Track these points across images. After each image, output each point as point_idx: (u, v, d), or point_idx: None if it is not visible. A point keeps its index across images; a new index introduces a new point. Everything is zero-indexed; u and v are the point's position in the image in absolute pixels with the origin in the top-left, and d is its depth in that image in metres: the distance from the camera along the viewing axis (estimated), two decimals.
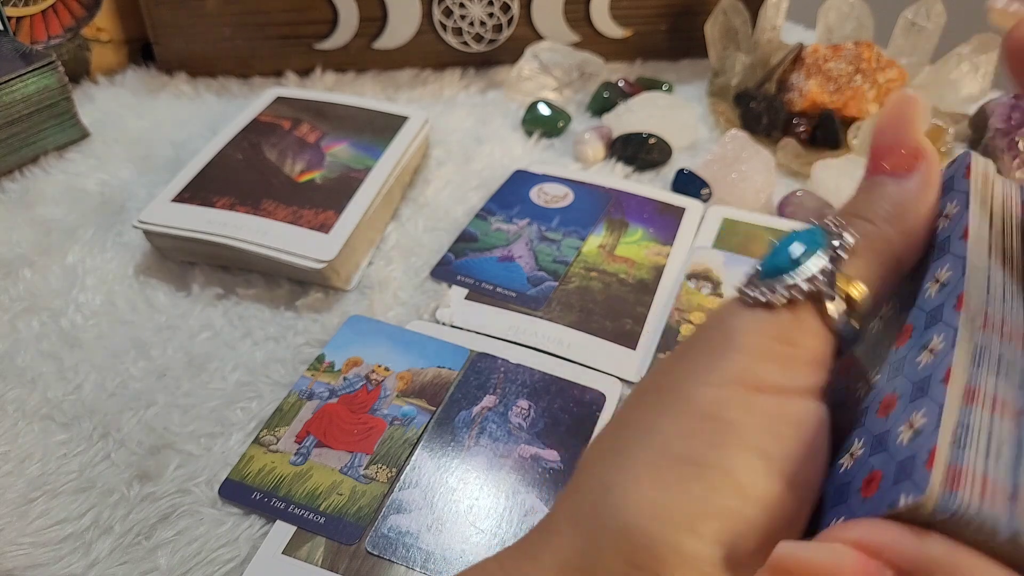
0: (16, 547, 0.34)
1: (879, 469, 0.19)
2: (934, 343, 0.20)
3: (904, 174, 0.23)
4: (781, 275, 0.22)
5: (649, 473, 0.20)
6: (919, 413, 0.18)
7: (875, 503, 0.18)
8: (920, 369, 0.20)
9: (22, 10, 0.60)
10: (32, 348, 0.43)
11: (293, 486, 0.36)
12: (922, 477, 0.17)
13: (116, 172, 0.56)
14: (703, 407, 0.21)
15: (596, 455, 0.22)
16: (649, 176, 0.58)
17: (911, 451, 0.18)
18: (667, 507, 0.20)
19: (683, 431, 0.20)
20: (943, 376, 0.18)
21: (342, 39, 0.65)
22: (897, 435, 0.19)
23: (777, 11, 0.64)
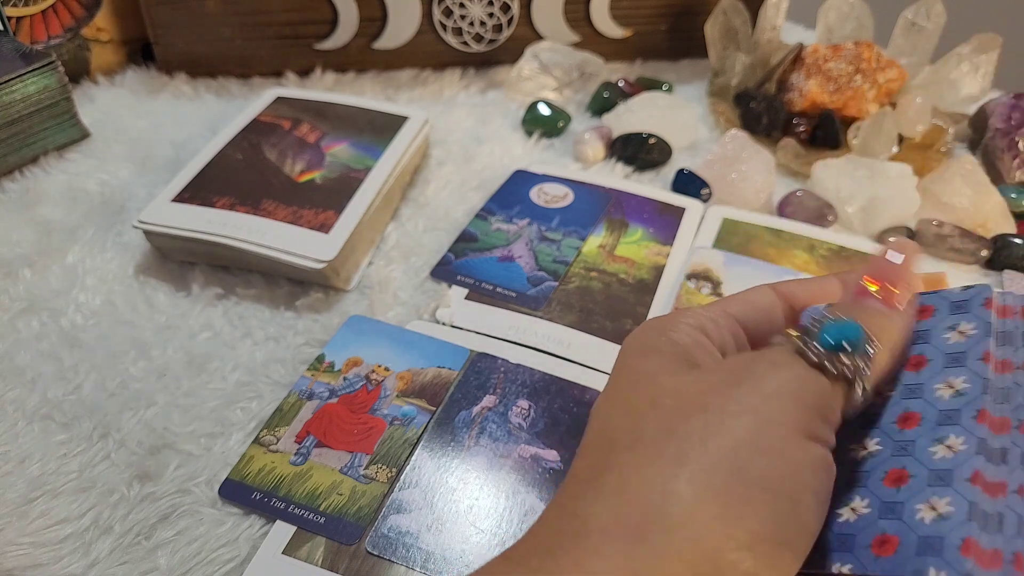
0: (16, 547, 0.34)
1: (895, 535, 0.22)
2: (951, 441, 0.23)
3: (891, 305, 0.26)
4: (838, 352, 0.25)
5: (717, 488, 0.21)
6: (942, 500, 0.21)
7: (894, 564, 0.21)
8: (937, 460, 0.23)
9: (22, 10, 0.60)
10: (32, 348, 0.43)
11: (293, 486, 0.36)
12: (955, 559, 0.20)
13: (116, 172, 0.56)
14: (769, 441, 0.22)
15: (644, 460, 0.23)
16: (649, 176, 0.58)
17: (936, 531, 0.21)
18: (733, 524, 0.21)
19: (750, 456, 0.22)
20: (969, 476, 0.22)
21: (342, 39, 0.65)
22: (916, 511, 0.22)
23: (777, 11, 0.64)
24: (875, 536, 0.22)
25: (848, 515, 0.23)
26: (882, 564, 0.21)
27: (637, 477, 0.22)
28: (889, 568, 0.21)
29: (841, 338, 0.25)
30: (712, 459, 0.22)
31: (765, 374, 0.24)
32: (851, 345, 0.25)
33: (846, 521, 0.23)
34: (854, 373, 0.24)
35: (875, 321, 0.26)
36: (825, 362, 0.24)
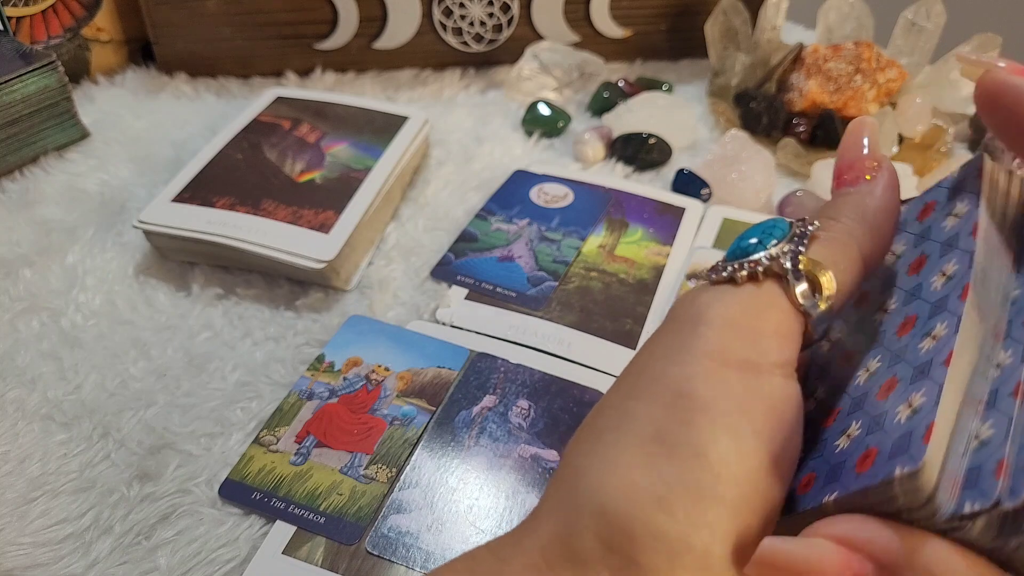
0: (16, 547, 0.34)
1: (875, 446, 0.20)
2: (937, 330, 0.21)
3: (865, 183, 0.25)
4: (745, 255, 0.23)
5: (621, 455, 0.20)
6: (918, 393, 0.20)
7: (869, 476, 0.19)
8: (922, 354, 0.21)
9: (22, 10, 0.60)
10: (32, 348, 0.43)
11: (293, 486, 0.36)
12: (918, 450, 0.18)
13: (116, 172, 0.56)
14: (673, 385, 0.21)
15: (576, 442, 0.23)
16: (649, 176, 0.58)
17: (909, 427, 0.19)
18: (638, 487, 0.20)
19: (654, 411, 0.21)
20: (944, 359, 0.19)
21: (342, 39, 0.65)
22: (895, 415, 0.20)
23: (777, 11, 0.64)
24: (859, 454, 0.20)
25: (843, 443, 0.21)
26: (860, 480, 0.19)
27: (567, 456, 0.23)
28: (864, 482, 0.19)
29: (742, 238, 0.23)
30: (623, 426, 0.21)
31: (675, 315, 0.23)
32: (761, 241, 0.23)
33: (841, 450, 0.21)
34: (776, 266, 0.22)
35: (839, 205, 0.24)
36: (723, 273, 0.23)
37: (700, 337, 0.22)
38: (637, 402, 0.21)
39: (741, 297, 0.22)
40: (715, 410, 0.20)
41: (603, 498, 0.20)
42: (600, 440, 0.22)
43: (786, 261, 0.22)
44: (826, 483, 0.21)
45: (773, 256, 0.22)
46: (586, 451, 0.22)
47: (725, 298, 0.22)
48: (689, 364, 0.21)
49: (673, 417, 0.20)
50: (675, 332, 0.22)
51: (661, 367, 0.22)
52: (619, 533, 0.20)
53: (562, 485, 0.22)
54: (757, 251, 0.23)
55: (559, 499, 0.21)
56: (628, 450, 0.21)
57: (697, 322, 0.22)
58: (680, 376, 0.21)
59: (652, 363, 0.22)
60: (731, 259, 0.23)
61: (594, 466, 0.21)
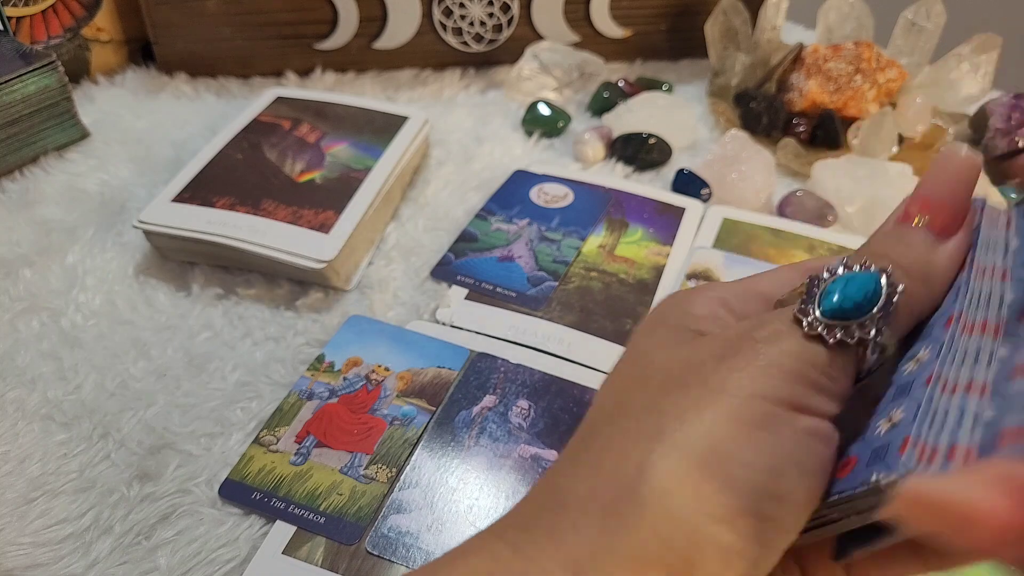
0: (16, 547, 0.34)
1: (855, 455, 0.21)
2: (921, 354, 0.22)
3: (943, 237, 0.23)
4: (845, 318, 0.23)
5: (692, 463, 0.21)
6: (898, 409, 0.21)
7: (847, 482, 0.20)
8: (904, 376, 0.22)
9: (22, 10, 0.60)
10: (32, 348, 0.43)
11: (293, 486, 0.36)
12: (893, 459, 0.19)
13: (116, 172, 0.56)
14: (750, 415, 0.21)
15: (624, 435, 0.22)
16: (649, 176, 0.58)
17: (886, 440, 0.20)
18: (709, 500, 0.20)
19: (729, 431, 0.21)
20: (924, 380, 0.21)
21: (342, 39, 0.65)
22: (876, 428, 0.21)
23: (777, 11, 0.64)
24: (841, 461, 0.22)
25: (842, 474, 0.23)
26: (839, 485, 0.21)
27: (614, 452, 0.22)
28: (843, 486, 0.21)
29: (845, 300, 0.23)
30: (689, 434, 0.21)
31: (756, 348, 0.23)
32: (860, 306, 0.22)
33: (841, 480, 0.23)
34: (861, 340, 0.22)
35: (912, 258, 0.23)
36: (822, 332, 0.22)
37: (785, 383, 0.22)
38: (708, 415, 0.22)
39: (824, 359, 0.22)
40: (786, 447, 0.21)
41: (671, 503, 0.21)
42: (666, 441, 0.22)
43: (874, 332, 0.22)
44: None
45: (867, 327, 0.22)
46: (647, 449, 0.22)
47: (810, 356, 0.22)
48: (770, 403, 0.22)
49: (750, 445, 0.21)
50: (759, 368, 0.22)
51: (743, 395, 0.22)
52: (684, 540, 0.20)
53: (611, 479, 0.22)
54: (857, 317, 0.22)
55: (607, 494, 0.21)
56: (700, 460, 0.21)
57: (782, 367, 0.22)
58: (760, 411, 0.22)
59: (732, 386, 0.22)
60: (830, 316, 0.23)
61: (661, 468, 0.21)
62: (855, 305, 0.23)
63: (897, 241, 0.24)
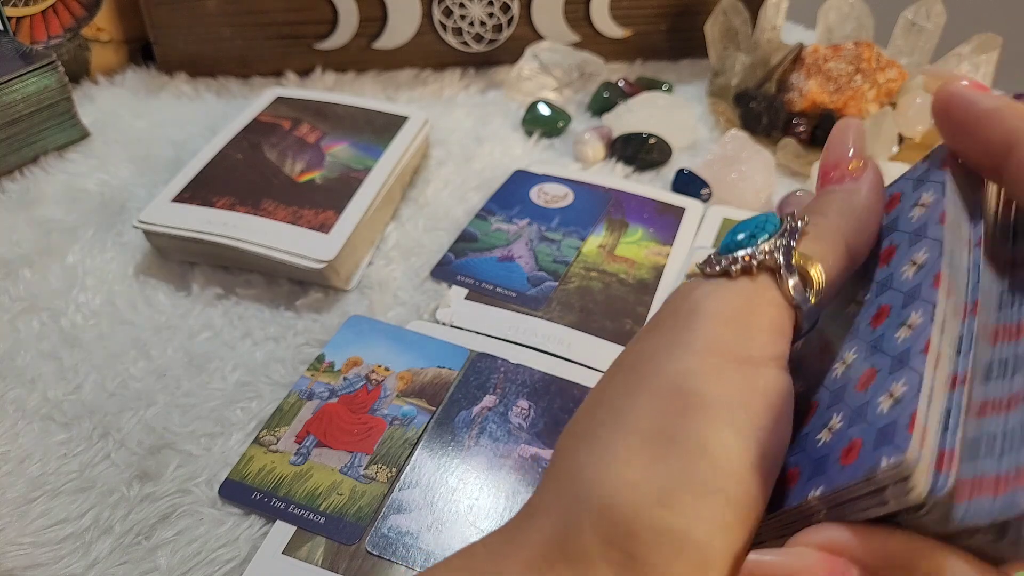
0: (16, 547, 0.34)
1: (859, 438, 0.20)
2: (912, 319, 0.21)
3: (851, 181, 0.25)
4: (738, 249, 0.23)
5: (620, 451, 0.21)
6: (899, 383, 0.19)
7: (855, 468, 0.19)
8: (899, 343, 0.21)
9: (22, 10, 0.60)
10: (32, 348, 0.43)
11: (293, 486, 0.36)
12: (903, 439, 0.18)
13: (116, 172, 0.56)
14: (672, 380, 0.21)
15: (571, 437, 0.23)
16: (649, 176, 0.58)
17: (891, 418, 0.19)
18: (639, 483, 0.20)
19: (653, 406, 0.21)
20: (922, 347, 0.19)
21: (342, 39, 0.65)
22: (877, 405, 0.20)
23: (777, 11, 0.64)
24: (843, 447, 0.20)
25: (825, 436, 0.21)
26: (847, 473, 0.19)
27: (562, 451, 0.22)
28: (850, 474, 0.19)
29: (736, 232, 0.23)
30: (621, 421, 0.21)
31: (670, 310, 0.23)
32: (752, 235, 0.23)
33: (823, 443, 0.21)
34: (765, 265, 0.22)
35: (826, 202, 0.25)
36: (718, 267, 0.23)
37: (697, 331, 0.22)
38: (635, 397, 0.21)
39: (736, 291, 0.23)
40: (716, 405, 0.20)
41: (603, 494, 0.20)
42: (596, 435, 0.21)
43: (779, 255, 0.23)
44: (810, 477, 0.21)
45: (767, 250, 0.23)
46: (583, 446, 0.22)
47: (720, 292, 0.23)
48: (687, 359, 0.21)
49: (673, 412, 0.21)
50: (670, 327, 0.23)
51: (658, 362, 0.22)
52: (619, 529, 0.20)
53: (559, 481, 0.22)
54: (750, 245, 0.23)
55: (556, 495, 0.21)
56: (627, 445, 0.21)
57: (693, 316, 0.22)
58: (678, 371, 0.21)
59: (648, 358, 0.22)
60: (724, 253, 0.23)
61: (592, 462, 0.21)
62: (746, 236, 0.23)
63: (816, 200, 0.25)
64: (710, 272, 0.23)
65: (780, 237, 0.23)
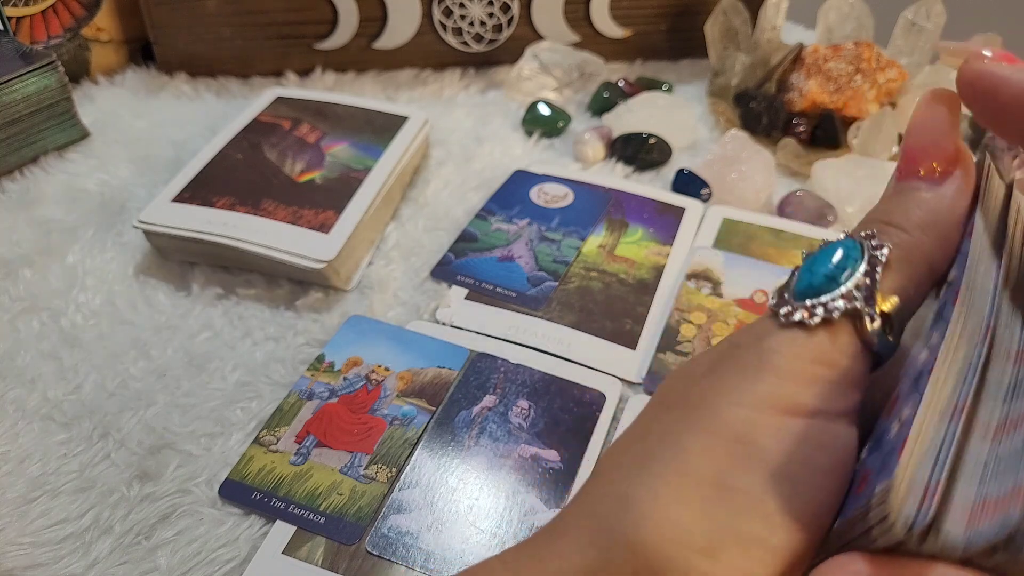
0: (16, 547, 0.34)
1: (870, 468, 0.19)
2: (933, 339, 0.20)
3: (939, 180, 0.22)
4: (817, 294, 0.21)
5: (671, 491, 0.19)
6: (907, 407, 0.18)
7: (862, 497, 0.18)
8: (919, 364, 0.19)
9: (22, 10, 0.60)
10: (32, 348, 0.43)
11: (293, 486, 0.36)
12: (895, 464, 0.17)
13: (116, 172, 0.56)
14: (733, 428, 0.20)
15: (615, 463, 0.21)
16: (649, 176, 0.58)
17: (894, 444, 0.18)
18: (687, 528, 0.19)
19: (711, 451, 0.20)
20: (930, 370, 0.18)
21: (342, 39, 0.65)
22: (890, 430, 0.19)
23: (777, 11, 0.64)
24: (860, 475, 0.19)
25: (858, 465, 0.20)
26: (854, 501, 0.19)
27: (605, 478, 0.21)
28: (856, 503, 0.18)
29: (814, 276, 0.21)
30: (667, 459, 0.20)
31: (737, 353, 0.21)
32: (832, 277, 0.21)
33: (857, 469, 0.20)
34: (849, 312, 0.20)
35: (909, 211, 0.21)
36: (799, 317, 0.20)
37: (766, 384, 0.20)
38: (694, 437, 0.20)
39: (811, 344, 0.20)
40: (776, 460, 0.19)
41: (646, 533, 0.19)
42: (647, 469, 0.20)
43: (861, 302, 0.20)
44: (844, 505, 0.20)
45: (847, 296, 0.20)
46: (629, 476, 0.20)
47: (795, 346, 0.21)
48: (752, 409, 0.20)
49: (733, 461, 0.19)
50: (738, 373, 0.21)
51: (721, 407, 0.20)
52: (654, 569, 0.19)
53: (597, 507, 0.21)
54: (830, 289, 0.21)
55: (592, 521, 0.20)
56: (681, 488, 0.19)
57: (762, 367, 0.20)
58: (741, 420, 0.20)
59: (710, 400, 0.21)
60: (801, 297, 0.21)
61: (638, 496, 0.20)
62: (826, 278, 0.21)
63: (896, 202, 0.22)
64: (785, 322, 0.21)
65: (864, 275, 0.21)
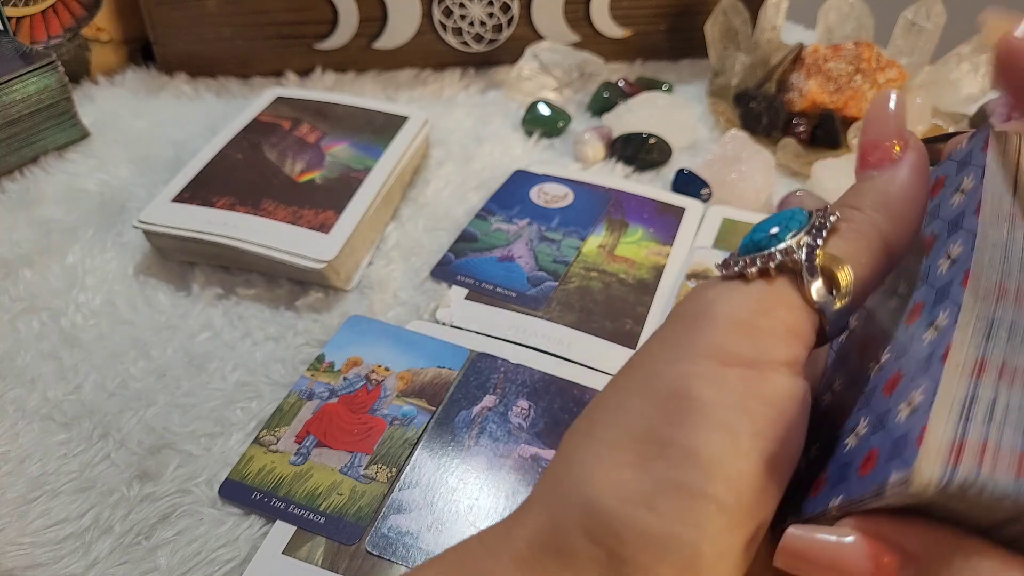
0: (16, 547, 0.34)
1: (876, 447, 0.19)
2: (940, 320, 0.19)
3: (890, 165, 0.23)
4: (759, 249, 0.22)
5: (611, 450, 0.20)
6: (918, 391, 0.18)
7: (869, 481, 0.18)
8: (925, 346, 0.19)
9: (22, 10, 0.60)
10: (32, 348, 0.43)
11: (293, 486, 0.36)
12: (912, 454, 0.17)
13: (116, 172, 0.56)
14: (669, 384, 0.20)
15: (569, 434, 0.22)
16: (649, 176, 0.58)
17: (906, 428, 0.18)
18: (625, 483, 0.20)
19: (648, 408, 0.20)
20: (942, 353, 0.18)
21: (342, 39, 0.65)
22: (896, 413, 0.19)
23: (777, 11, 0.64)
24: (864, 455, 0.19)
25: (851, 441, 0.20)
26: (863, 484, 0.18)
27: (560, 449, 0.22)
28: (865, 486, 0.18)
29: (757, 232, 0.22)
30: (615, 422, 0.21)
31: (680, 310, 0.22)
32: (775, 236, 0.21)
33: (849, 449, 0.20)
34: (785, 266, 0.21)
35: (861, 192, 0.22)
36: (735, 268, 0.21)
37: (702, 334, 0.21)
38: (632, 398, 0.21)
39: (750, 294, 0.21)
40: (711, 410, 0.20)
41: (590, 492, 0.20)
42: (591, 434, 0.21)
43: (801, 255, 0.21)
44: (834, 485, 0.20)
45: (787, 251, 0.21)
46: (577, 444, 0.22)
47: (732, 295, 0.21)
48: (688, 362, 0.21)
49: (666, 415, 0.20)
50: (677, 329, 0.22)
51: (660, 364, 0.21)
52: (605, 528, 0.19)
53: (552, 476, 0.22)
54: (771, 244, 0.21)
55: (548, 490, 0.21)
56: (618, 446, 0.20)
57: (700, 319, 0.21)
58: (678, 374, 0.21)
59: (651, 359, 0.22)
60: (743, 253, 0.22)
61: (584, 460, 0.21)
62: (768, 235, 0.22)
63: (852, 190, 0.23)
64: (726, 274, 0.22)
65: (806, 235, 0.21)
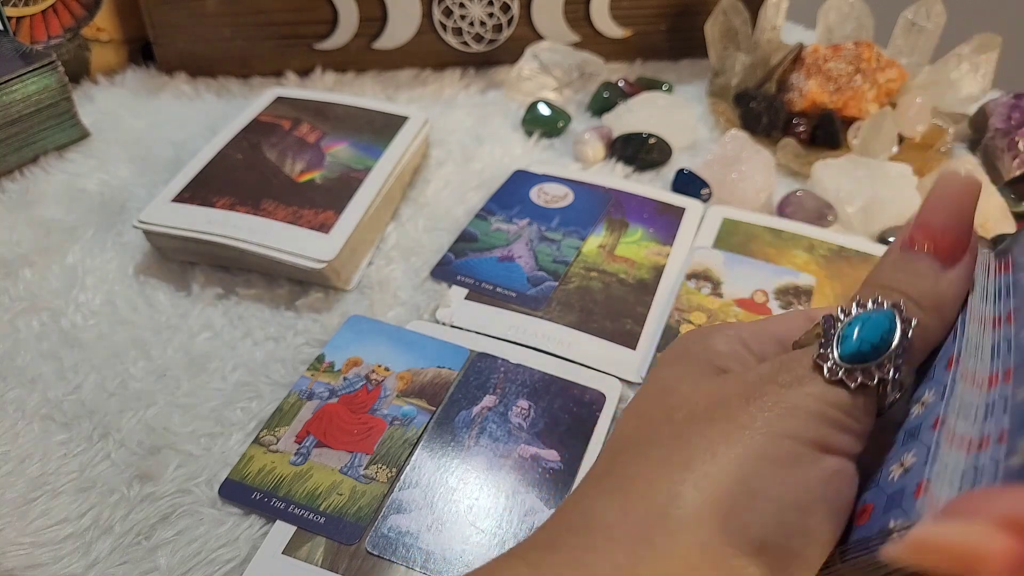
0: (16, 547, 0.34)
1: (871, 502, 0.22)
2: (926, 397, 0.23)
3: (949, 263, 0.24)
4: (863, 361, 0.23)
5: (722, 496, 0.21)
6: (910, 454, 0.22)
7: (867, 528, 0.21)
8: (912, 419, 0.23)
9: (22, 10, 0.60)
10: (32, 348, 0.43)
11: (293, 486, 0.36)
12: (909, 504, 0.20)
13: (116, 172, 0.56)
14: (778, 453, 0.22)
15: (655, 464, 0.23)
16: (649, 176, 0.58)
17: (900, 485, 0.21)
18: (737, 532, 0.21)
19: (758, 467, 0.22)
20: (932, 423, 0.21)
21: (342, 39, 0.65)
22: (888, 474, 0.22)
23: (777, 11, 0.64)
24: (859, 508, 0.23)
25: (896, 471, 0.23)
26: (858, 532, 0.22)
27: (644, 479, 0.22)
28: (862, 534, 0.21)
29: (863, 343, 0.23)
30: (719, 467, 0.22)
31: (780, 392, 0.23)
32: (877, 348, 0.23)
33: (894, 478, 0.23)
34: (881, 380, 0.23)
35: (922, 287, 0.24)
36: (843, 376, 0.23)
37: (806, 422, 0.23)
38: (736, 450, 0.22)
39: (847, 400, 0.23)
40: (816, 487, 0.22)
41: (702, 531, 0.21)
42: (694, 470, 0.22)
43: (889, 373, 0.23)
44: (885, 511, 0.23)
45: (884, 369, 0.23)
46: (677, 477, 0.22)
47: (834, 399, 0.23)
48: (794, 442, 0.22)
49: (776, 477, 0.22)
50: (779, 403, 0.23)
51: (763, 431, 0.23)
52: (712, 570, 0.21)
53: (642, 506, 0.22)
54: (873, 359, 0.23)
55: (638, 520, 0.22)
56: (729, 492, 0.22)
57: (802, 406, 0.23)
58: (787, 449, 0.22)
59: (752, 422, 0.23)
60: (849, 360, 0.23)
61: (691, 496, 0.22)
62: (872, 347, 0.23)
63: (904, 270, 0.24)
64: (830, 378, 0.23)
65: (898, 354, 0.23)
